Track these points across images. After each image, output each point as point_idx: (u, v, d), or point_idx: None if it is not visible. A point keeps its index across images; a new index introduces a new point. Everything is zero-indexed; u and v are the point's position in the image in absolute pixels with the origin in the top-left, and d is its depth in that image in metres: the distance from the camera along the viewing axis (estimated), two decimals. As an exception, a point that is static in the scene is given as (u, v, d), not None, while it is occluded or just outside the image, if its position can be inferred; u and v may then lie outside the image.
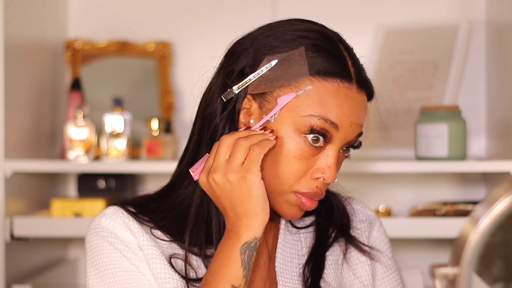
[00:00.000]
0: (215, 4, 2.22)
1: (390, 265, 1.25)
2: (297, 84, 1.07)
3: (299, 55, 1.07)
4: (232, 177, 1.04)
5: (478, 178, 2.15)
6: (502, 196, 0.70)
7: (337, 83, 1.07)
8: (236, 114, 1.10)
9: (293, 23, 1.11)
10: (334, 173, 1.08)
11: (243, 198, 1.04)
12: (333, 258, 1.21)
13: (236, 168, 1.04)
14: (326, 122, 1.06)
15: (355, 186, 1.29)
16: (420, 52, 2.12)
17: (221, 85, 1.11)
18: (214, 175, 1.05)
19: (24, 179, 1.97)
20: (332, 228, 1.22)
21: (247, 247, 1.05)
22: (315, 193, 1.09)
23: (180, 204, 1.14)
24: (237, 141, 1.05)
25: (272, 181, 1.08)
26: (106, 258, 1.11)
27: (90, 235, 1.13)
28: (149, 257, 1.10)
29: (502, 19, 1.99)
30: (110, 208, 1.14)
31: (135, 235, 1.11)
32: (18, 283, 1.90)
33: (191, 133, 1.16)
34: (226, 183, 1.05)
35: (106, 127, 2.02)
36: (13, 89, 1.89)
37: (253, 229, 1.05)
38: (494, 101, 2.06)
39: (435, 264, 0.72)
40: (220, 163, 1.05)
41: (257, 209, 1.05)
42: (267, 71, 1.08)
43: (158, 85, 2.21)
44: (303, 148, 1.07)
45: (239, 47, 1.12)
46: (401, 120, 2.07)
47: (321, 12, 2.16)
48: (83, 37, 2.21)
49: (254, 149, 1.04)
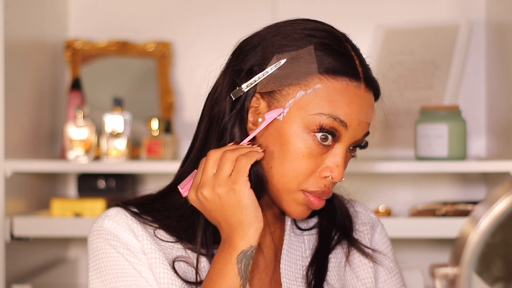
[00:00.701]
0: (215, 4, 2.22)
1: (392, 267, 1.25)
2: (306, 83, 1.07)
3: (308, 53, 1.08)
4: (220, 190, 1.04)
5: (478, 178, 2.15)
6: (502, 196, 0.70)
7: (346, 81, 1.08)
8: (245, 112, 1.10)
9: (301, 23, 1.12)
10: (342, 172, 1.09)
11: (234, 209, 1.04)
12: (336, 261, 1.21)
13: (223, 181, 1.04)
14: (335, 120, 1.06)
15: (357, 187, 1.29)
16: (420, 52, 2.12)
17: (230, 84, 1.11)
18: (203, 190, 1.05)
19: (24, 179, 1.97)
20: (335, 231, 1.22)
21: (243, 256, 1.05)
22: (323, 192, 1.09)
23: (185, 203, 1.14)
24: (224, 154, 1.05)
25: (281, 179, 1.08)
26: (108, 262, 1.10)
27: (93, 236, 1.12)
28: (152, 262, 1.10)
29: (502, 19, 1.99)
30: (113, 210, 1.13)
31: (138, 239, 1.10)
32: (18, 283, 1.90)
33: (196, 132, 1.16)
34: (215, 197, 1.05)
35: (106, 127, 2.01)
36: (13, 89, 1.89)
37: (248, 238, 1.05)
38: (494, 101, 2.06)
39: (435, 264, 0.72)
40: (208, 177, 1.05)
41: (249, 218, 1.05)
42: (276, 69, 1.08)
43: (158, 85, 2.21)
44: (312, 147, 1.07)
45: (246, 46, 1.12)
46: (401, 120, 2.07)
47: (321, 12, 2.15)
48: (83, 37, 2.21)
49: (241, 160, 1.05)
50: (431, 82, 2.08)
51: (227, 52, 1.16)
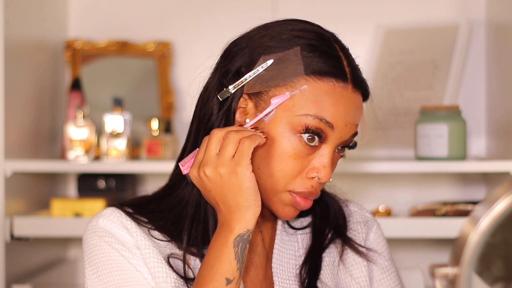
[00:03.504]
0: (215, 4, 2.22)
1: (388, 266, 1.25)
2: (293, 84, 1.08)
3: (295, 54, 1.08)
4: (222, 170, 1.04)
5: (478, 178, 2.15)
6: (502, 196, 0.70)
7: (332, 82, 1.08)
8: (232, 113, 1.11)
9: (289, 23, 1.12)
10: (329, 173, 1.09)
11: (235, 191, 1.05)
12: (330, 259, 1.21)
13: (226, 162, 1.04)
14: (321, 121, 1.07)
15: (353, 186, 1.30)
16: (420, 52, 2.12)
17: (217, 85, 1.12)
18: (205, 169, 1.05)
19: (24, 179, 1.97)
20: (328, 229, 1.23)
21: (240, 240, 1.05)
22: (310, 193, 1.10)
23: (178, 204, 1.15)
24: (227, 135, 1.06)
25: (267, 180, 1.09)
26: (103, 258, 1.11)
27: (88, 235, 1.13)
28: (147, 256, 1.10)
29: (502, 19, 1.99)
30: (108, 209, 1.14)
31: (132, 235, 1.11)
32: (18, 283, 1.90)
33: (188, 133, 1.17)
34: (217, 177, 1.05)
35: (106, 127, 2.01)
36: (13, 89, 1.89)
37: (245, 222, 1.05)
38: (494, 101, 2.06)
39: (435, 264, 0.72)
40: (211, 156, 1.06)
41: (248, 201, 1.05)
42: (263, 70, 1.09)
43: (158, 85, 2.21)
44: (298, 148, 1.08)
45: (235, 47, 1.13)
46: (401, 120, 2.07)
47: (321, 12, 2.15)
48: (83, 37, 2.21)
49: (244, 142, 1.05)
50: (431, 82, 2.08)
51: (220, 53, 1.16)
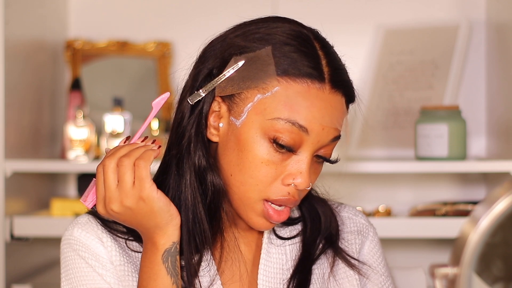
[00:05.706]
0: (215, 4, 2.22)
1: (383, 281, 1.17)
2: (264, 85, 1.02)
3: (266, 54, 1.02)
4: (128, 202, 1.01)
5: (478, 178, 2.15)
6: (502, 196, 0.70)
7: (306, 83, 1.01)
8: (204, 117, 1.05)
9: (266, 21, 1.07)
10: (306, 179, 1.02)
11: (148, 215, 1.01)
12: (320, 272, 1.14)
13: (129, 192, 1.01)
14: (294, 125, 1.00)
15: (352, 186, 1.28)
16: (420, 52, 2.12)
17: (189, 88, 1.08)
18: (112, 206, 1.02)
19: (24, 179, 1.97)
20: (320, 239, 1.15)
21: (168, 254, 1.03)
22: (287, 200, 1.03)
23: None
24: (120, 162, 1.02)
25: (240, 188, 1.03)
26: (78, 274, 1.09)
27: (64, 245, 1.11)
28: (121, 274, 1.07)
29: (502, 19, 1.99)
30: (84, 217, 1.12)
31: (107, 248, 1.08)
32: (18, 283, 1.90)
33: (169, 138, 1.13)
34: (126, 210, 1.02)
35: (106, 127, 2.01)
36: (13, 89, 1.89)
37: (169, 236, 1.02)
38: (494, 101, 2.06)
39: (435, 264, 0.72)
40: (112, 191, 1.02)
41: (165, 219, 1.02)
42: (233, 72, 1.03)
43: (158, 85, 2.21)
44: (271, 153, 1.02)
45: (209, 48, 1.09)
46: (401, 120, 2.07)
47: (321, 12, 2.15)
48: (83, 37, 2.21)
49: (139, 165, 1.01)
50: (431, 82, 2.08)
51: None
